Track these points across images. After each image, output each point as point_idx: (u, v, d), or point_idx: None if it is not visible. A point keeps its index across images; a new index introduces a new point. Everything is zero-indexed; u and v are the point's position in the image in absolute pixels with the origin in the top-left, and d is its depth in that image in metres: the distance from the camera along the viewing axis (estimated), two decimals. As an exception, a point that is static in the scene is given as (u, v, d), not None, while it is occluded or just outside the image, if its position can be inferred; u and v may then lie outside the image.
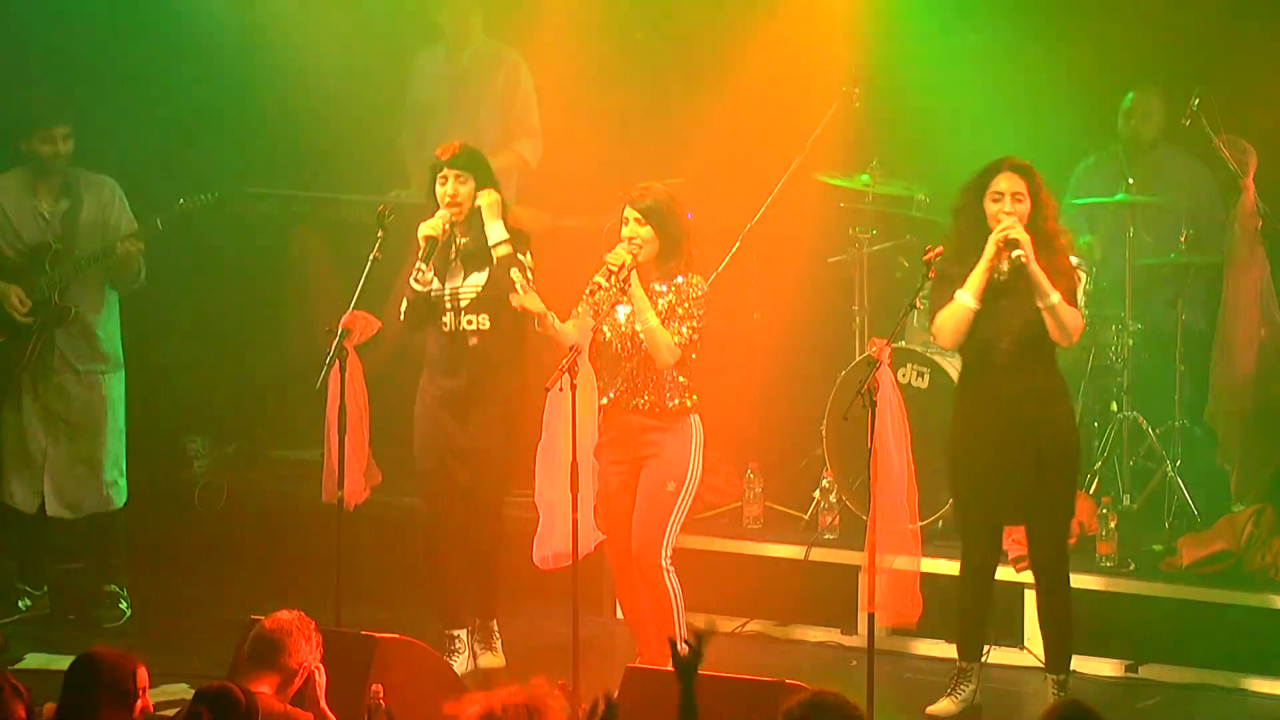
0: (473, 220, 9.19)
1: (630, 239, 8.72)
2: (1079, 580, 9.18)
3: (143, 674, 6.27)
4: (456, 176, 9.17)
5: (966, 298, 8.38)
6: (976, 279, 8.36)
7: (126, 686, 6.20)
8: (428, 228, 9.13)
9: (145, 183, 10.49)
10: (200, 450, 11.43)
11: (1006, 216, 8.34)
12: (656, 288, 8.73)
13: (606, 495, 8.83)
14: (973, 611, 8.79)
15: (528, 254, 9.10)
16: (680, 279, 8.71)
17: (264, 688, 6.96)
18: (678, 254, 8.75)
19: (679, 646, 6.19)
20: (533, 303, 8.75)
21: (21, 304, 9.94)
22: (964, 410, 8.67)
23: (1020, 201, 8.38)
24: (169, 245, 10.35)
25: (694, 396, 8.75)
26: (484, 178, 9.22)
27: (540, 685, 6.29)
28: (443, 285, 9.19)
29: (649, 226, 8.71)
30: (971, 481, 8.63)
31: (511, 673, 9.09)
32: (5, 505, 10.20)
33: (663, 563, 8.74)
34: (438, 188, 9.20)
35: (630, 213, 8.74)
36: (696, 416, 8.75)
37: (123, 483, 10.19)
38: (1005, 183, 8.40)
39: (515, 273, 8.85)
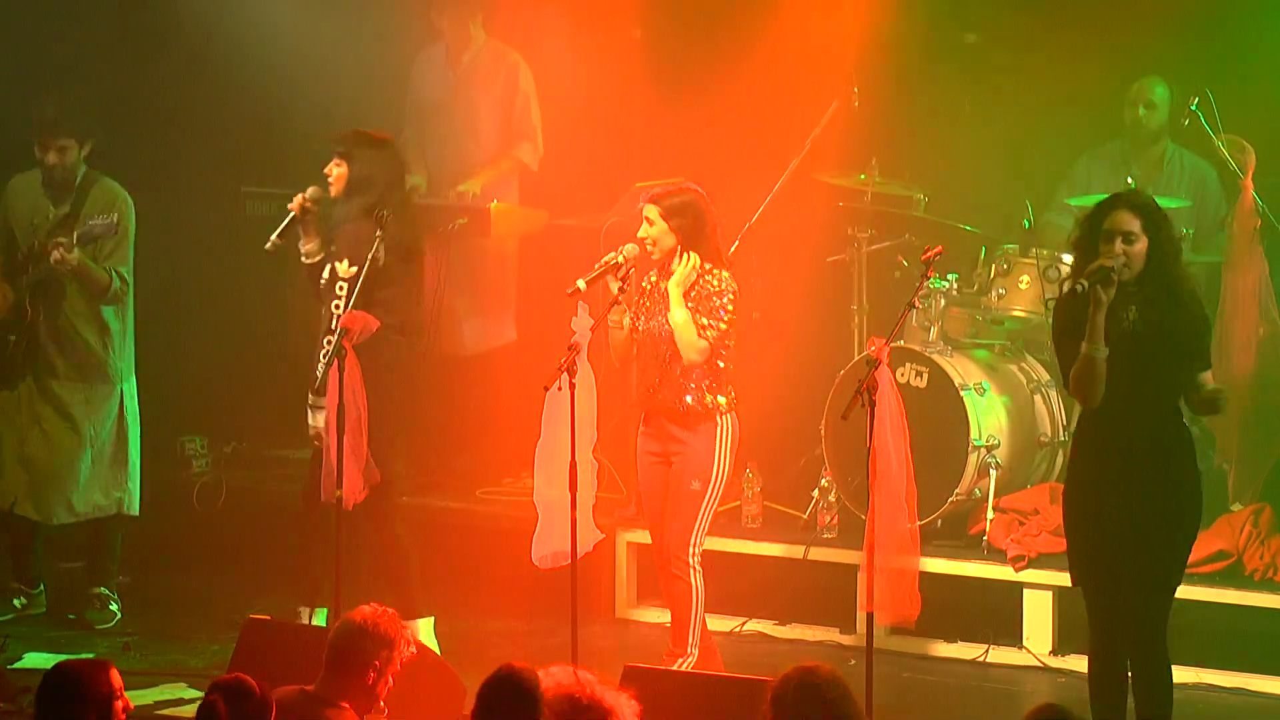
0: (342, 204, 9.32)
1: (644, 239, 8.74)
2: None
3: (115, 675, 6.26)
4: (334, 154, 9.32)
5: (1094, 349, 7.54)
6: (1095, 328, 7.54)
7: (101, 693, 6.19)
8: (290, 202, 9.35)
9: (145, 183, 10.48)
10: (199, 450, 11.43)
11: (1113, 258, 7.56)
12: (670, 287, 8.74)
13: (645, 489, 8.93)
14: (1106, 698, 7.80)
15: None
16: (709, 276, 8.72)
17: (346, 703, 6.91)
18: (697, 246, 8.75)
19: None
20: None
21: (2, 300, 9.95)
22: (1078, 463, 7.88)
23: (1134, 242, 7.57)
24: (169, 245, 10.34)
25: (724, 396, 8.77)
26: (359, 155, 9.27)
27: (620, 694, 6.29)
28: (334, 266, 9.34)
29: (663, 223, 8.73)
30: (1086, 542, 7.80)
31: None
32: None
33: (690, 560, 8.78)
34: None
35: (649, 210, 8.76)
36: (730, 416, 8.78)
37: (122, 492, 10.18)
38: (1116, 221, 7.58)
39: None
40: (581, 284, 8.61)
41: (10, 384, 10.04)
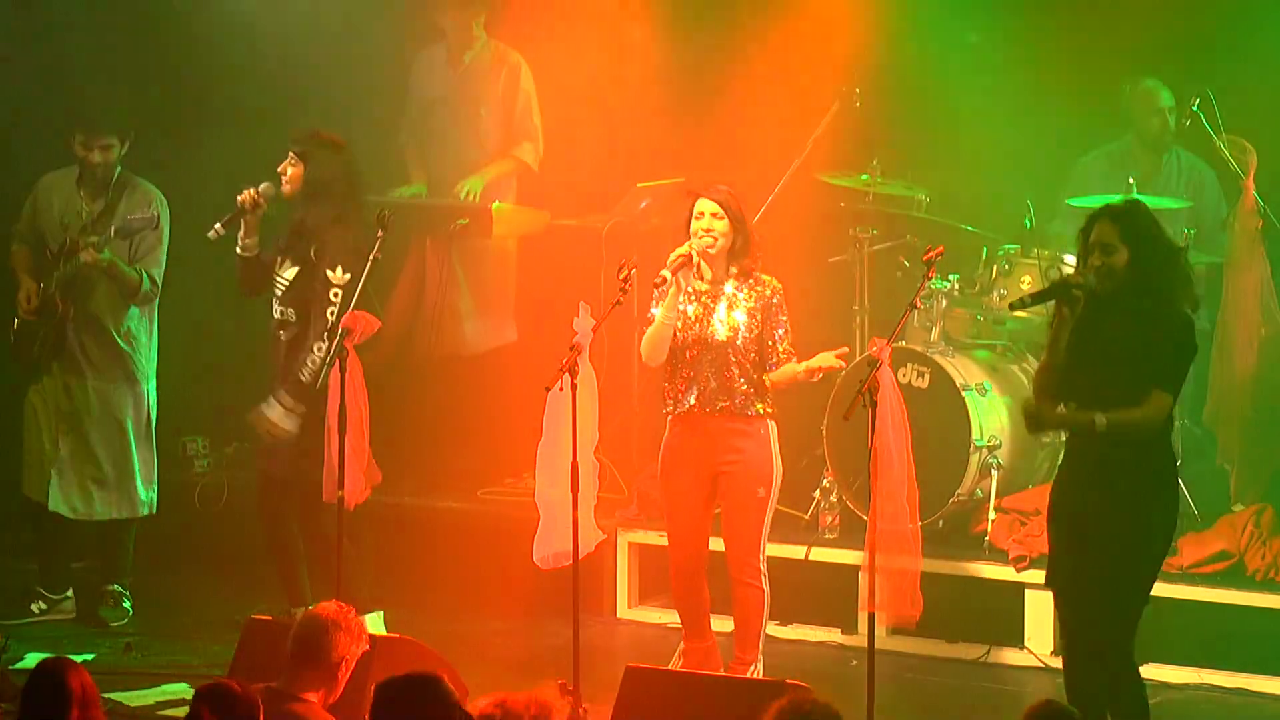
0: (299, 205, 9.34)
1: (707, 231, 8.66)
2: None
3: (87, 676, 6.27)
4: (291, 152, 9.35)
5: (1050, 357, 7.55)
6: (1053, 339, 7.55)
7: (92, 695, 6.16)
8: (242, 194, 9.38)
9: (145, 181, 10.48)
10: (200, 450, 11.43)
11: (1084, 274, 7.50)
12: (730, 288, 8.68)
13: (678, 498, 8.76)
14: (1081, 700, 7.57)
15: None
16: (760, 283, 8.69)
17: (311, 696, 6.97)
18: (749, 250, 8.72)
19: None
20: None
21: (29, 302, 9.96)
22: (1062, 470, 7.84)
23: (1112, 253, 7.47)
24: (171, 245, 10.34)
25: (766, 399, 8.73)
26: (316, 156, 9.30)
27: (548, 690, 6.30)
28: (276, 264, 9.41)
29: (725, 220, 8.67)
30: (1059, 547, 7.70)
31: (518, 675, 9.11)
32: (32, 504, 10.19)
33: (761, 567, 8.70)
34: None
35: (707, 205, 8.66)
36: (774, 422, 8.72)
37: (144, 492, 10.19)
38: (1097, 232, 7.49)
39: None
40: (668, 274, 8.57)
41: (36, 379, 10.06)
